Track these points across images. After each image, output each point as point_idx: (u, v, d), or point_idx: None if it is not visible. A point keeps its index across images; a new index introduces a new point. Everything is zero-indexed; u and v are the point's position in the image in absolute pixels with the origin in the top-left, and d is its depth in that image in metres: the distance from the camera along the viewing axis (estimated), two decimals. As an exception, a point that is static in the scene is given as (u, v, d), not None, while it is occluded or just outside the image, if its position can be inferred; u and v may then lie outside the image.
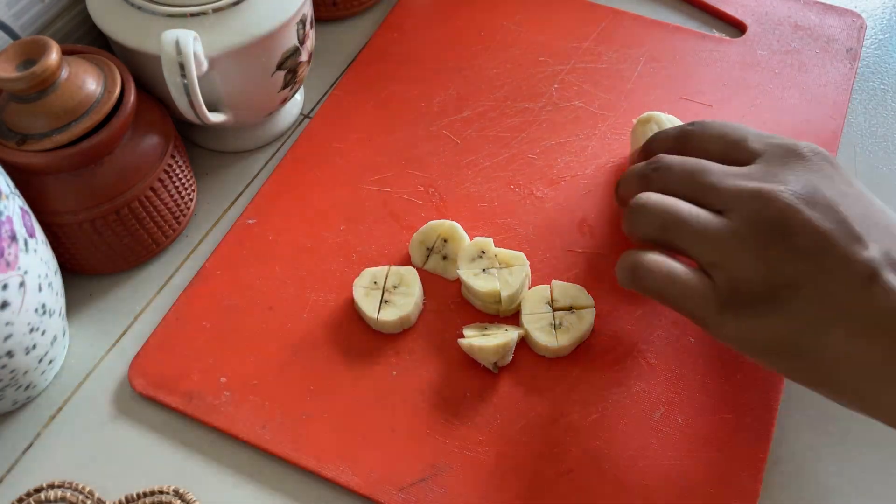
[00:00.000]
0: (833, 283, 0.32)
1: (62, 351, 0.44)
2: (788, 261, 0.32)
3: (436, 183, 0.51)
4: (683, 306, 0.35)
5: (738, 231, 0.34)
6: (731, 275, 0.34)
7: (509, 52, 0.58)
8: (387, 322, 0.43)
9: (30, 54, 0.39)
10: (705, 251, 0.35)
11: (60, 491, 0.38)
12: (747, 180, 0.35)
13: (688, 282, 0.35)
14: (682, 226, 0.35)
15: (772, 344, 0.33)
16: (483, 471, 0.39)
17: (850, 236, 0.32)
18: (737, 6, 0.60)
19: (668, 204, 0.36)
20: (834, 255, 0.32)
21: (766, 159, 0.36)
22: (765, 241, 0.33)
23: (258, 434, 0.41)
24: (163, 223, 0.47)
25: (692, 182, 0.37)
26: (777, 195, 0.33)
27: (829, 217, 0.33)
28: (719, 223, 0.34)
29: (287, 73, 0.48)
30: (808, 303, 0.32)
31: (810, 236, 0.32)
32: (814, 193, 0.33)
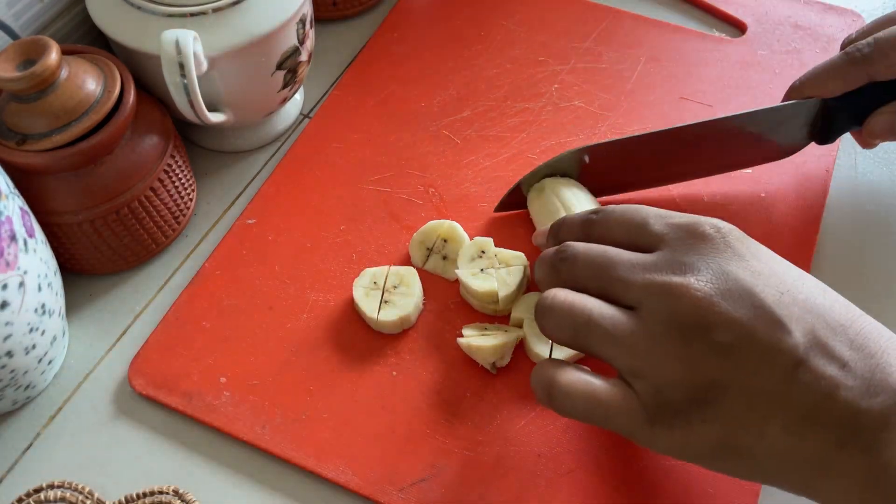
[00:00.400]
0: (760, 377, 0.30)
1: (62, 351, 0.44)
2: (710, 359, 0.31)
3: (436, 183, 0.51)
4: (611, 426, 0.33)
5: (653, 332, 0.32)
6: (654, 382, 0.32)
7: (509, 52, 0.58)
8: (387, 322, 0.43)
9: (30, 54, 0.39)
10: (622, 357, 0.32)
11: (60, 491, 0.38)
12: (655, 272, 0.33)
13: (611, 401, 0.33)
14: (592, 330, 0.33)
15: (710, 450, 0.32)
16: (483, 471, 0.39)
17: (771, 323, 0.30)
18: (737, 6, 0.60)
19: (577, 306, 0.34)
20: (756, 348, 0.30)
21: (670, 244, 0.34)
22: (682, 340, 0.31)
23: (258, 434, 0.41)
24: (162, 223, 0.47)
25: (599, 275, 0.34)
26: (688, 289, 0.31)
27: (746, 305, 0.31)
28: (632, 324, 0.32)
29: (287, 72, 0.48)
30: (739, 401, 0.30)
31: (729, 330, 0.30)
32: (726, 281, 0.31)
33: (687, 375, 0.31)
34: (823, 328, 0.31)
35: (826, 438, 0.30)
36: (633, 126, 0.53)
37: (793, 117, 0.45)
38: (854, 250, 0.48)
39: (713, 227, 0.33)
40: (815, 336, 0.31)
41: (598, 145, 0.46)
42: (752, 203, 0.49)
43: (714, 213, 0.48)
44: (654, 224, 0.35)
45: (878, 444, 0.29)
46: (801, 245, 0.47)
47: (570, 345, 0.34)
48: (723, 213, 0.48)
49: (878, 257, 0.48)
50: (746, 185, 0.50)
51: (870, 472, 0.29)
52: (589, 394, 0.33)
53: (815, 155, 0.51)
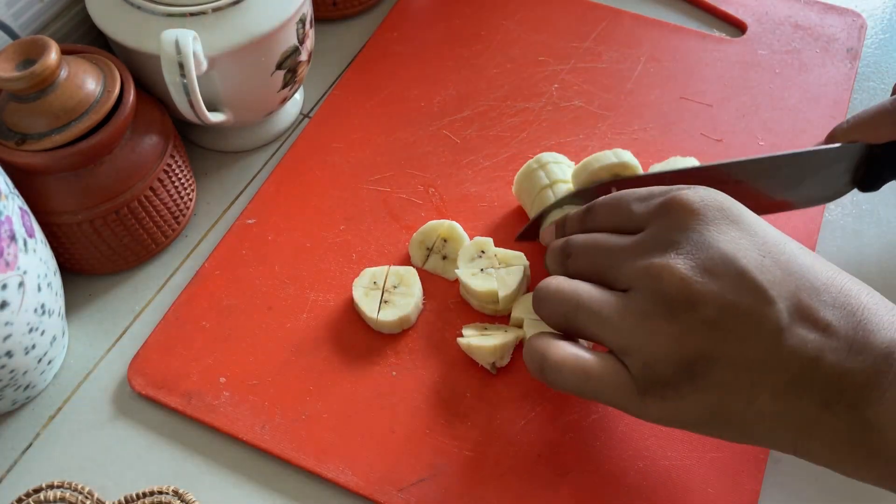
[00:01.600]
0: (747, 346, 0.31)
1: (61, 351, 0.44)
2: (697, 333, 0.31)
3: (436, 183, 0.51)
4: (602, 399, 0.34)
5: (641, 311, 0.32)
6: (643, 359, 0.32)
7: (509, 52, 0.58)
8: (386, 322, 0.43)
9: (29, 54, 0.39)
10: (610, 336, 0.33)
11: (60, 491, 0.38)
12: (640, 255, 0.34)
13: (601, 375, 0.33)
14: (581, 313, 0.34)
15: (701, 419, 0.32)
16: (483, 471, 0.39)
17: (754, 292, 0.31)
18: (737, 6, 0.60)
19: (568, 291, 0.35)
20: (741, 318, 0.31)
21: (652, 223, 0.34)
22: (668, 317, 0.32)
23: (257, 434, 0.41)
24: (162, 223, 0.47)
25: (595, 263, 0.36)
26: (670, 269, 0.32)
27: (727, 276, 0.31)
28: (619, 305, 0.33)
29: (287, 72, 0.48)
30: (727, 372, 0.31)
31: (712, 304, 0.31)
32: (707, 252, 0.32)
33: (674, 350, 0.32)
34: (806, 290, 0.31)
35: (812, 400, 0.31)
36: (633, 126, 0.53)
37: (835, 161, 0.43)
38: (854, 250, 0.48)
39: (687, 199, 0.34)
40: (799, 300, 0.31)
41: (627, 179, 0.43)
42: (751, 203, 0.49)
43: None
44: (636, 207, 0.36)
45: (862, 401, 0.30)
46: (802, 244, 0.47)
47: (564, 329, 0.36)
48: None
49: (878, 257, 0.47)
50: (746, 185, 0.50)
51: (855, 429, 0.30)
52: (580, 368, 0.34)
53: (815, 155, 0.51)
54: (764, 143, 0.52)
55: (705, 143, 0.52)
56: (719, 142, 0.52)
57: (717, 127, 0.53)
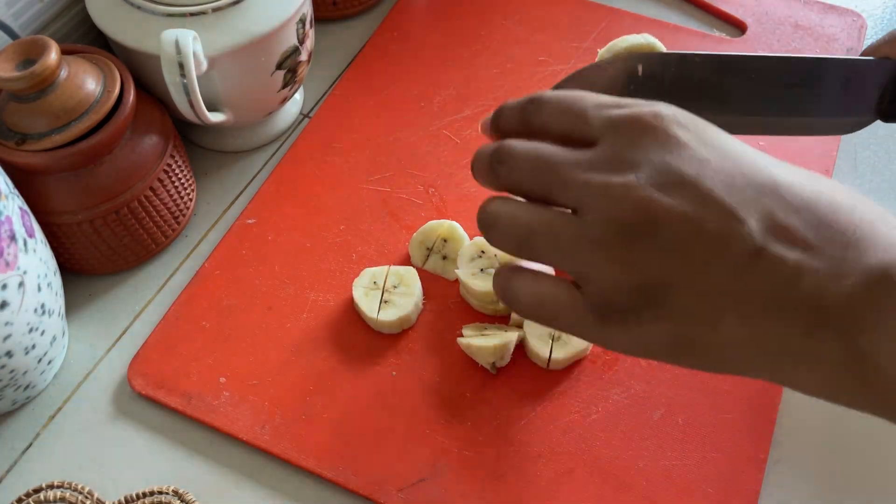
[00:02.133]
0: (710, 271, 0.29)
1: (61, 351, 0.44)
2: (654, 259, 0.29)
3: (436, 183, 0.51)
4: (558, 326, 0.33)
5: (596, 236, 0.30)
6: (600, 286, 0.30)
7: (509, 52, 0.58)
8: (386, 322, 0.43)
9: (29, 54, 0.39)
10: (566, 263, 0.31)
11: (60, 491, 0.38)
12: (594, 172, 0.31)
13: (556, 302, 0.32)
14: (536, 240, 0.32)
15: (665, 346, 0.31)
16: (483, 471, 0.39)
17: (720, 213, 0.28)
18: (737, 6, 0.60)
19: (519, 217, 0.32)
20: (704, 242, 0.28)
21: (610, 137, 0.31)
22: (625, 242, 0.30)
23: (258, 434, 0.41)
24: (162, 223, 0.47)
25: (539, 178, 0.32)
26: (628, 189, 0.29)
27: (691, 197, 0.29)
28: (573, 229, 0.31)
29: (287, 72, 0.48)
30: (687, 298, 0.29)
31: (674, 227, 0.29)
32: (668, 174, 0.29)
33: (631, 277, 0.30)
34: (783, 209, 0.29)
35: (791, 325, 0.28)
36: (633, 126, 0.53)
37: (862, 75, 0.40)
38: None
39: (653, 116, 0.31)
40: (774, 219, 0.29)
41: (653, 55, 0.40)
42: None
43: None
44: (593, 117, 0.32)
45: (852, 328, 0.27)
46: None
47: (517, 255, 0.33)
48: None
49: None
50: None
51: (846, 359, 0.28)
52: (535, 294, 0.33)
53: (814, 154, 0.51)
54: (763, 143, 0.52)
55: (705, 143, 0.52)
56: (719, 142, 0.52)
57: (717, 127, 0.53)
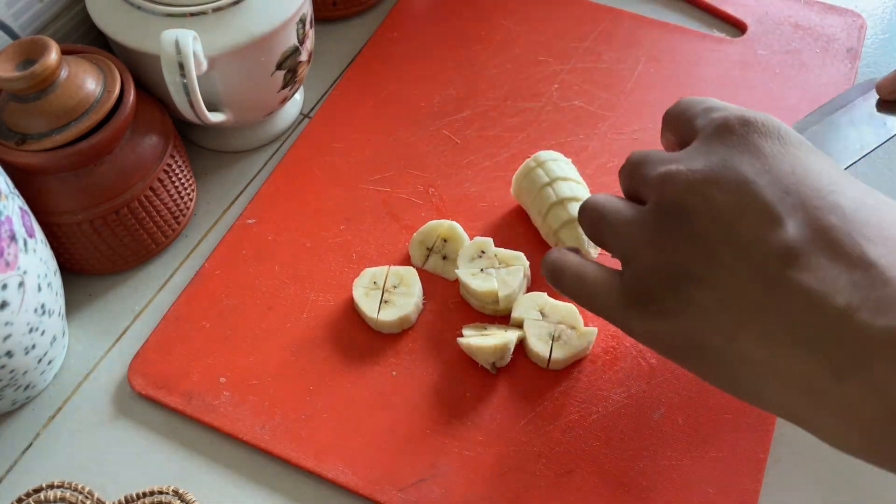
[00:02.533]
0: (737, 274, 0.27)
1: (61, 351, 0.44)
2: (685, 248, 0.28)
3: (436, 183, 0.51)
4: (591, 305, 0.34)
5: (644, 220, 0.31)
6: (636, 267, 0.31)
7: (509, 52, 0.58)
8: (387, 322, 0.43)
9: (29, 54, 0.39)
10: (617, 245, 0.33)
11: (60, 491, 0.38)
12: (670, 165, 0.31)
13: (595, 280, 0.34)
14: (602, 223, 0.34)
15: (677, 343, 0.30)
16: (483, 471, 0.39)
17: (759, 214, 0.27)
18: (737, 6, 0.60)
19: (597, 204, 0.34)
20: (738, 240, 0.27)
21: (700, 138, 0.32)
22: (661, 226, 0.30)
23: (258, 434, 0.41)
24: (162, 223, 0.47)
25: (634, 176, 0.34)
26: (678, 174, 0.30)
27: (734, 195, 0.28)
28: (631, 214, 0.32)
29: (287, 72, 0.48)
30: (710, 297, 0.28)
31: (708, 218, 0.28)
32: (720, 170, 0.29)
33: (661, 261, 0.30)
34: (840, 217, 0.26)
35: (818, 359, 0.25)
36: (633, 126, 0.53)
37: None
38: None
39: (740, 121, 0.31)
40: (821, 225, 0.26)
41: None
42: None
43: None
44: (700, 118, 0.33)
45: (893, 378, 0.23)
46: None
47: (593, 239, 0.35)
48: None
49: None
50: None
51: (883, 415, 0.24)
52: (579, 271, 0.35)
53: (815, 155, 0.51)
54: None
55: (705, 143, 0.52)
56: (719, 142, 0.52)
57: (717, 127, 0.53)
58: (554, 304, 0.43)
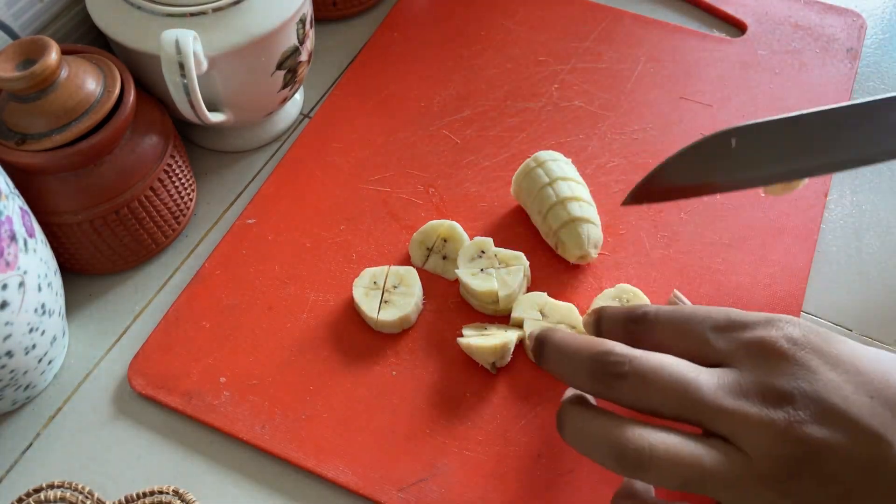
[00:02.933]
0: (868, 494, 0.30)
1: (62, 351, 0.44)
2: (818, 489, 0.30)
3: (436, 183, 0.51)
4: None
5: (765, 472, 0.31)
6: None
7: (509, 52, 0.58)
8: (387, 322, 0.43)
9: (29, 54, 0.39)
10: (734, 499, 0.31)
11: (60, 491, 0.38)
12: (745, 401, 0.31)
13: None
14: (707, 481, 0.31)
15: None
16: (483, 471, 0.39)
17: (870, 440, 0.30)
18: (737, 6, 0.60)
19: (682, 455, 0.31)
20: (860, 467, 0.30)
21: (742, 362, 0.32)
22: (791, 477, 0.30)
23: (258, 434, 0.41)
24: (162, 223, 0.47)
25: (678, 401, 0.32)
26: (790, 426, 0.30)
27: (843, 428, 0.30)
28: (741, 467, 0.31)
29: (287, 72, 0.48)
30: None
31: (833, 458, 0.30)
32: (820, 406, 0.30)
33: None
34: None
35: None
36: (633, 126, 0.53)
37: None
38: (854, 250, 0.48)
39: (788, 341, 0.32)
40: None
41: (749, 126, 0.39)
42: (751, 202, 0.49)
43: (713, 209, 0.48)
44: (714, 340, 0.33)
45: None
46: (802, 245, 0.47)
47: (676, 489, 0.32)
48: (722, 211, 0.48)
49: (877, 257, 0.48)
50: (746, 185, 0.50)
51: None
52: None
53: (815, 155, 0.51)
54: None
55: (705, 143, 0.52)
56: (719, 142, 0.52)
57: (717, 127, 0.53)
58: (554, 303, 0.43)
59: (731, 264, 0.46)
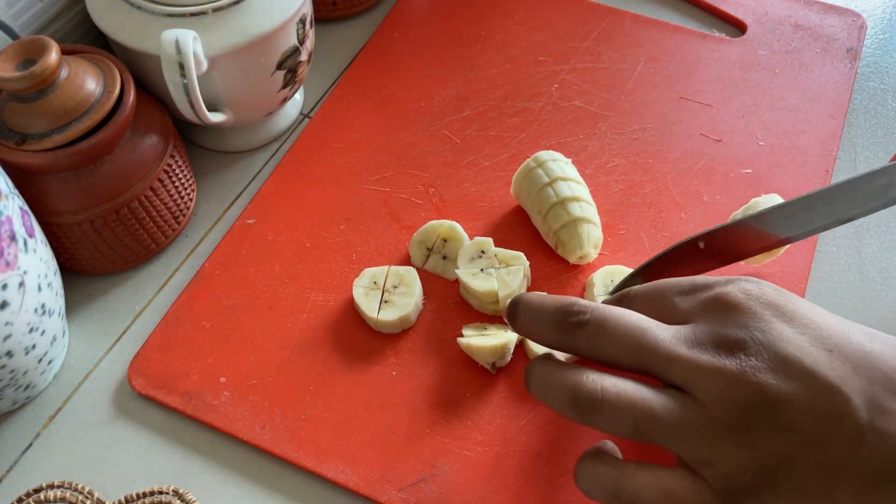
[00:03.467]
0: (827, 447, 0.30)
1: (62, 351, 0.44)
2: (776, 439, 0.30)
3: (436, 183, 0.51)
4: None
5: (716, 419, 0.31)
6: (723, 469, 0.31)
7: (509, 52, 0.58)
8: (387, 322, 0.43)
9: (29, 54, 0.39)
10: (688, 448, 0.32)
11: (60, 491, 0.38)
12: (700, 350, 0.32)
13: (685, 494, 0.32)
14: (657, 425, 0.31)
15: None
16: (483, 471, 0.39)
17: (828, 392, 0.30)
18: (737, 6, 0.60)
19: (635, 401, 0.32)
20: (818, 420, 0.30)
21: (701, 316, 0.33)
22: (746, 425, 0.31)
23: (257, 434, 0.41)
24: (162, 223, 0.47)
25: (635, 349, 0.32)
26: (744, 373, 0.31)
27: (799, 378, 0.30)
28: (693, 413, 0.31)
29: (287, 72, 0.48)
30: (808, 474, 0.30)
31: (789, 408, 0.30)
32: (775, 355, 0.31)
33: (755, 458, 0.31)
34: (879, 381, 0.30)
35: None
36: (633, 126, 0.53)
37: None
38: (854, 250, 0.48)
39: (743, 294, 0.33)
40: (872, 393, 0.30)
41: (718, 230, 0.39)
42: (752, 203, 0.49)
43: (712, 213, 0.48)
44: (679, 302, 0.34)
45: None
46: (802, 245, 0.47)
47: (629, 437, 0.32)
48: (722, 214, 0.48)
49: (877, 257, 0.48)
50: (746, 186, 0.50)
51: None
52: (662, 489, 0.32)
53: (814, 155, 0.51)
54: (764, 143, 0.52)
55: (705, 144, 0.52)
56: (719, 142, 0.52)
57: (717, 127, 0.53)
58: None
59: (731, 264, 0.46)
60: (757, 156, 0.51)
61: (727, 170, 0.50)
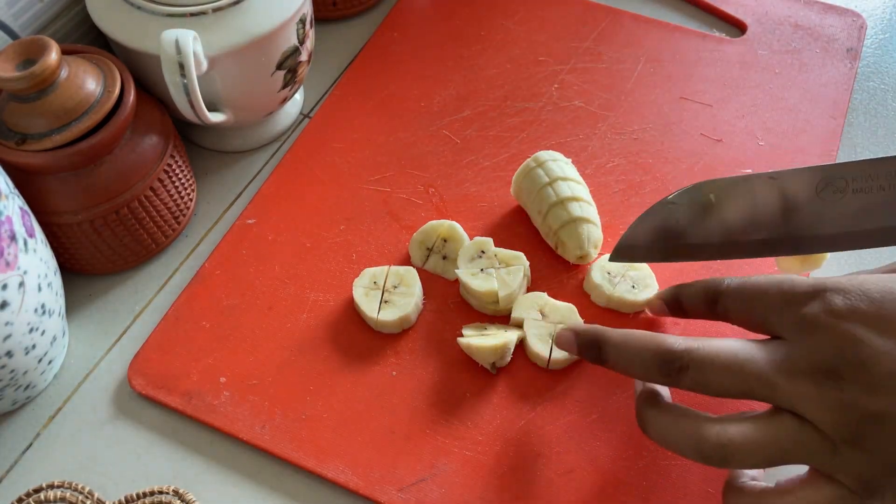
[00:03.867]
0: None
1: (62, 351, 0.44)
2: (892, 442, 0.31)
3: (436, 183, 0.51)
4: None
5: (833, 437, 0.32)
6: (853, 473, 0.32)
7: (509, 52, 0.58)
8: (387, 322, 0.43)
9: (29, 54, 0.39)
10: (817, 463, 0.32)
11: (60, 491, 0.38)
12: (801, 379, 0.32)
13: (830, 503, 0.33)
14: (786, 455, 0.32)
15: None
16: (483, 471, 0.39)
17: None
18: (737, 6, 0.60)
19: (759, 440, 0.33)
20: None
21: (794, 339, 0.33)
22: (861, 437, 0.31)
23: (257, 434, 0.41)
24: (162, 223, 0.47)
25: (737, 380, 0.33)
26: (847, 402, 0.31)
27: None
28: (810, 435, 0.32)
29: (287, 72, 0.48)
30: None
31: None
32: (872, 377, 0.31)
33: (877, 461, 0.31)
34: None
35: None
36: (633, 126, 0.53)
37: None
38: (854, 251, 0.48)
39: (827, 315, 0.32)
40: None
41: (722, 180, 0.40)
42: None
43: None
44: (770, 315, 0.35)
45: None
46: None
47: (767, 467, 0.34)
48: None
49: (877, 257, 0.48)
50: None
51: None
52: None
53: (814, 155, 0.51)
54: (764, 143, 0.52)
55: (705, 144, 0.52)
56: (719, 142, 0.52)
57: (717, 127, 0.53)
58: (554, 304, 0.43)
59: (731, 264, 0.46)
60: (757, 156, 0.51)
61: (727, 170, 0.50)
